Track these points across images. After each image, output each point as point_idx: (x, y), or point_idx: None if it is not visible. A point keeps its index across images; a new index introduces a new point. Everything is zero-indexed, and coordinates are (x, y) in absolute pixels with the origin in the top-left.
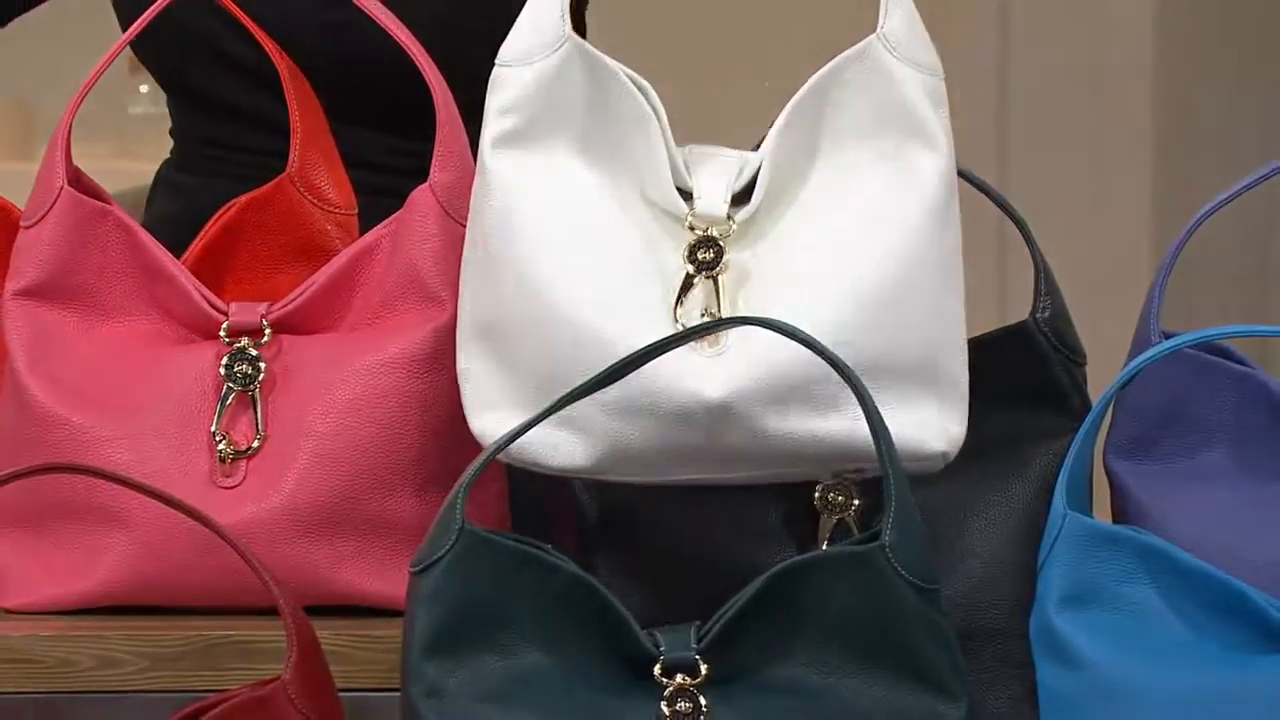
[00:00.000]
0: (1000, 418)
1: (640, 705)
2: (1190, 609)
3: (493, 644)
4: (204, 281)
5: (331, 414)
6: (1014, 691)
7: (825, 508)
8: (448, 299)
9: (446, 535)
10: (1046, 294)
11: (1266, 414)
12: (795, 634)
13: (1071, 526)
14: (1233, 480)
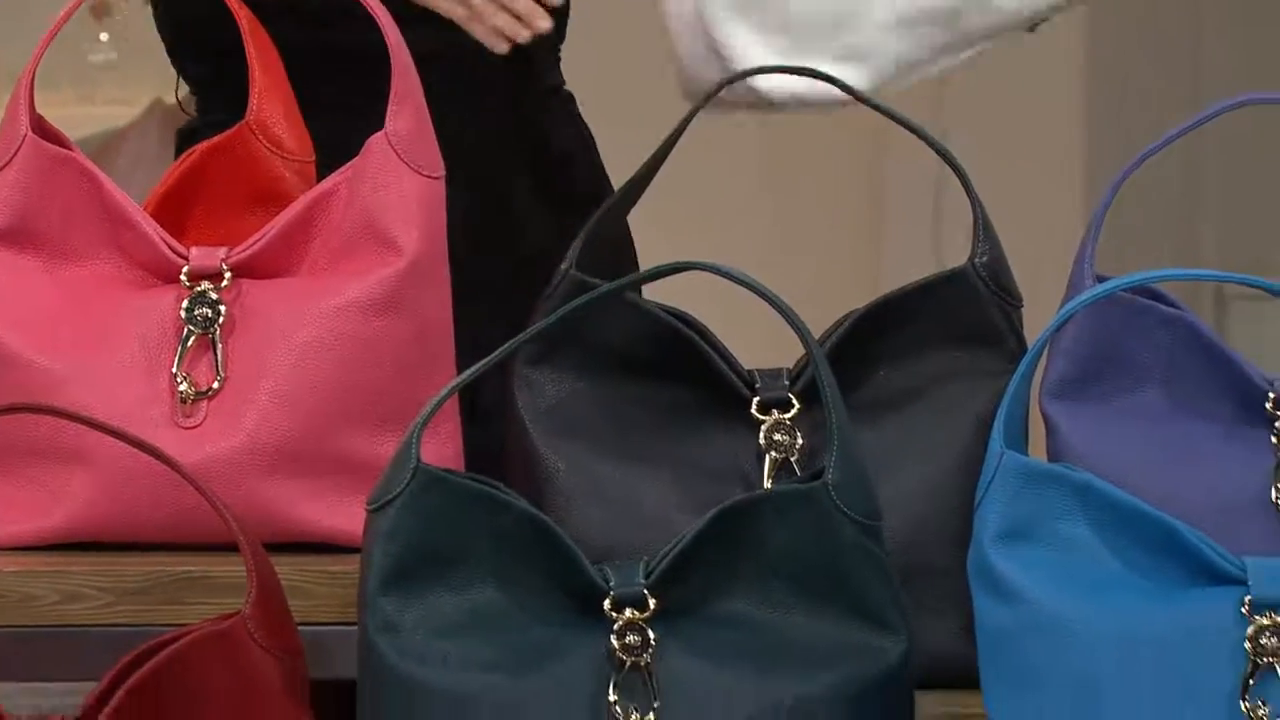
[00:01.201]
0: (939, 359)
1: (590, 639)
2: (1124, 545)
3: (446, 580)
4: (165, 227)
5: (290, 356)
6: (953, 626)
7: (770, 448)
8: (404, 244)
9: (402, 474)
10: (984, 240)
11: (1196, 355)
12: (741, 569)
13: (1008, 464)
14: (1164, 419)
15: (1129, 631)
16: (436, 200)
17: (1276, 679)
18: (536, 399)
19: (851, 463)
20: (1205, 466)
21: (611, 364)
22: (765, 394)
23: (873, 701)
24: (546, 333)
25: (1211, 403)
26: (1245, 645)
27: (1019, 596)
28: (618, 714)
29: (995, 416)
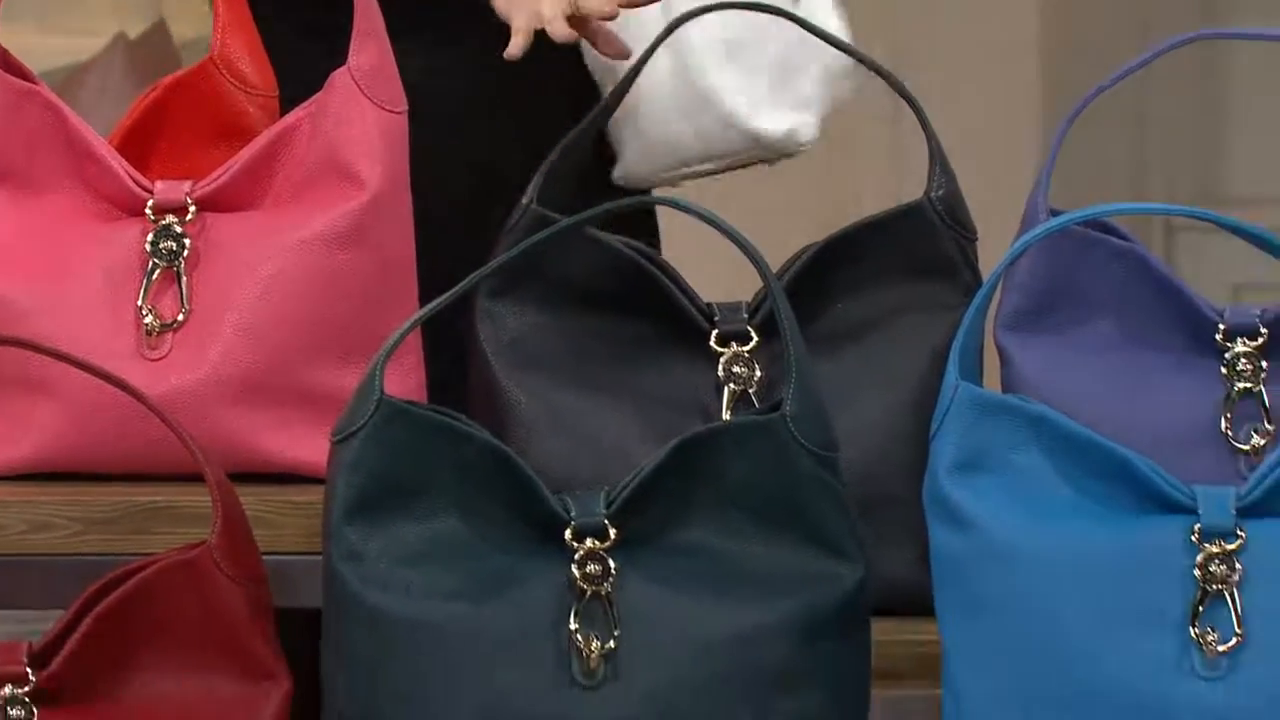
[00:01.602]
0: (895, 292)
1: (551, 568)
2: (1076, 474)
3: (409, 510)
4: (130, 160)
5: (254, 289)
6: (910, 555)
7: (729, 380)
8: (367, 178)
9: (365, 406)
10: (941, 174)
11: (1148, 287)
12: (700, 500)
13: (963, 395)
14: (1116, 350)
15: (1080, 559)
16: (399, 135)
17: (1225, 605)
18: (498, 332)
19: (809, 395)
20: (1156, 397)
21: (572, 297)
22: (724, 327)
23: (829, 628)
24: (508, 267)
25: (1162, 334)
26: (1195, 572)
27: (973, 525)
28: (578, 642)
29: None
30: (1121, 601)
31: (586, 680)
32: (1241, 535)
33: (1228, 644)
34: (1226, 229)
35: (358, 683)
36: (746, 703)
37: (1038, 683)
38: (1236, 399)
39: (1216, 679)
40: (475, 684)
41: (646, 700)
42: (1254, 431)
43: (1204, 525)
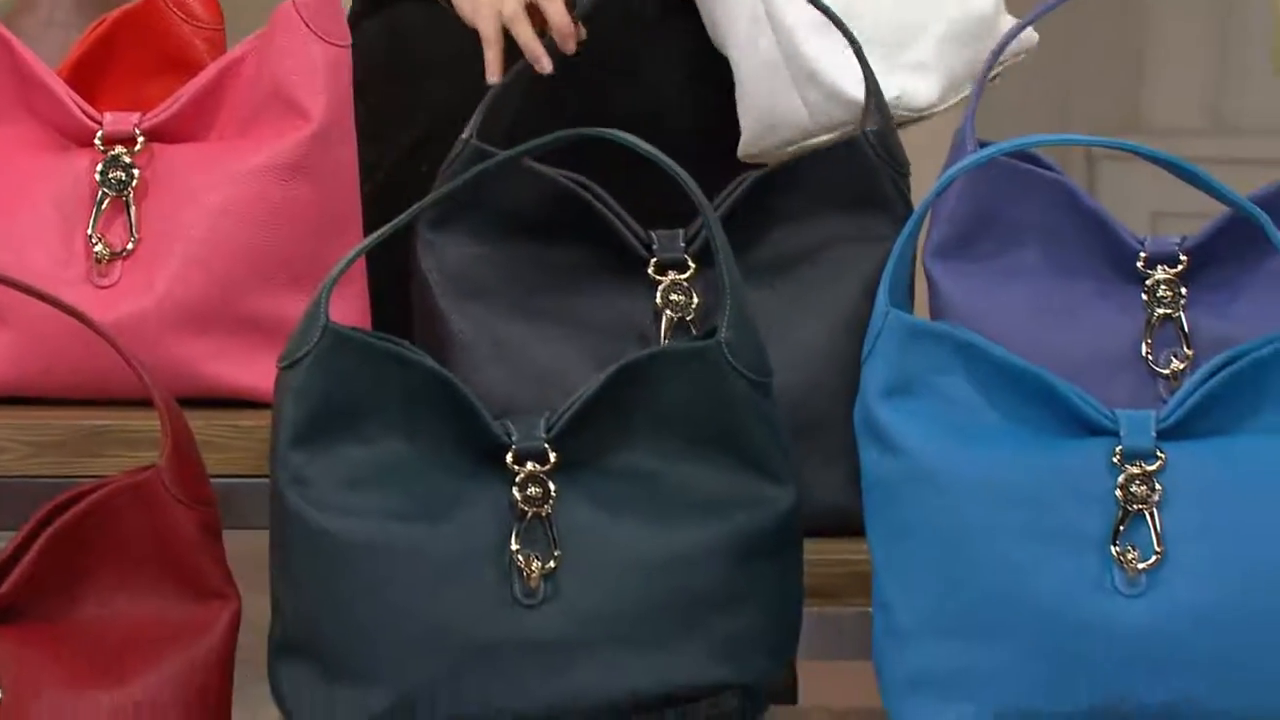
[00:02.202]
0: (831, 223)
1: (493, 490)
2: (1002, 398)
3: (355, 434)
4: (79, 92)
5: (202, 218)
6: (838, 477)
7: (666, 307)
8: (311, 110)
9: (311, 332)
10: (875, 110)
11: (1072, 217)
12: (638, 423)
13: (893, 322)
14: (1041, 278)
15: (1005, 480)
16: (342, 67)
17: (1145, 525)
18: (440, 262)
19: (743, 321)
20: (1080, 323)
21: (513, 227)
22: (662, 255)
23: (763, 549)
24: (449, 199)
25: (1086, 262)
26: (1116, 493)
27: (901, 448)
28: (519, 562)
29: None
30: (1045, 522)
31: (527, 599)
32: (1161, 457)
33: (1147, 562)
34: (1146, 158)
35: (304, 603)
36: (682, 621)
37: (964, 600)
38: (1157, 325)
39: (1136, 596)
40: (419, 603)
41: (585, 618)
42: (1173, 356)
43: (1125, 447)
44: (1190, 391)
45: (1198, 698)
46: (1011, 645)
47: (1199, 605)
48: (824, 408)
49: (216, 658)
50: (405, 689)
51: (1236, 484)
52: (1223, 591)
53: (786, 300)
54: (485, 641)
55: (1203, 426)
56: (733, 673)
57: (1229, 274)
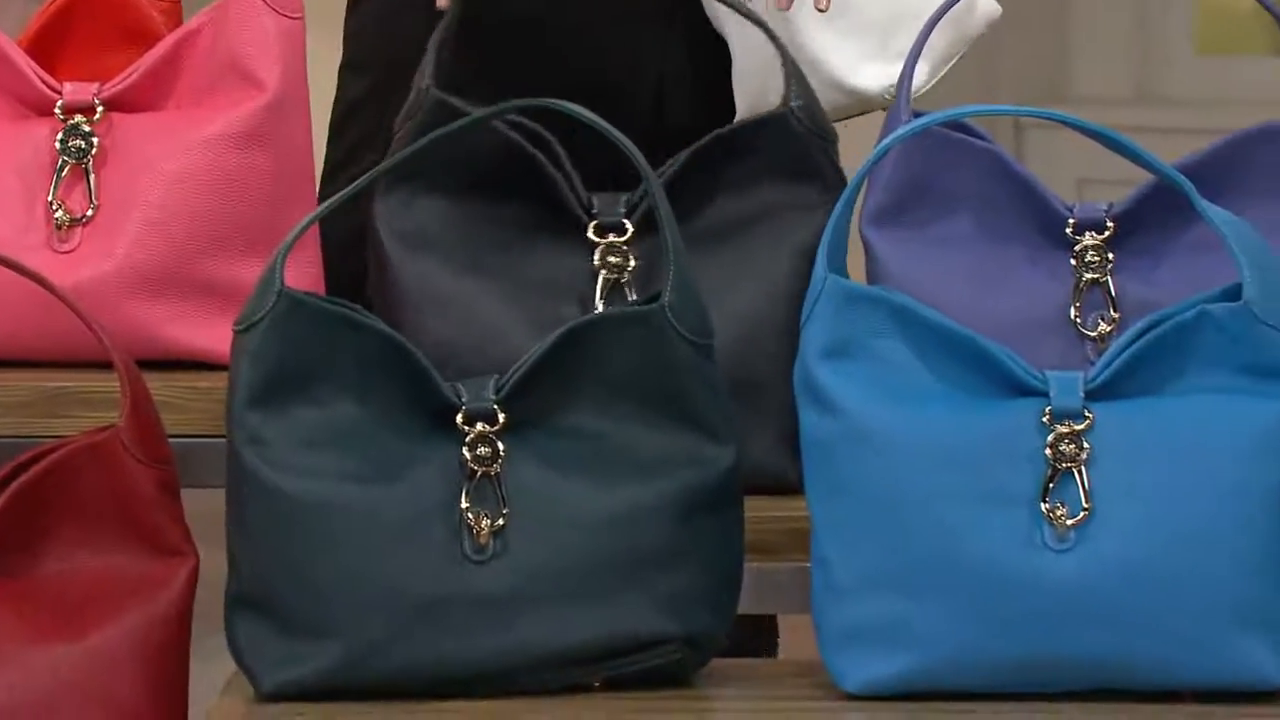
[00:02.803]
0: (763, 193)
1: (444, 450)
2: (937, 361)
3: (309, 396)
4: (39, 63)
5: (159, 185)
6: (770, 437)
7: (603, 268)
8: (266, 80)
9: (267, 297)
10: (797, 86)
11: (1003, 184)
12: (584, 385)
13: (831, 287)
14: (973, 244)
15: (939, 440)
16: (296, 39)
17: (1073, 482)
18: (392, 216)
19: (686, 286)
20: (1011, 287)
21: (464, 183)
22: (602, 218)
23: (705, 506)
24: None
25: (1016, 228)
26: (1045, 452)
27: (839, 409)
28: (469, 519)
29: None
30: (977, 480)
31: (476, 555)
32: (1089, 416)
33: (1076, 518)
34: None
35: (260, 559)
36: (627, 576)
37: (900, 556)
38: (1085, 289)
39: (1065, 550)
40: (371, 559)
41: (532, 574)
42: (1100, 319)
43: (1054, 408)
44: (1117, 353)
45: (1122, 649)
46: (945, 599)
47: (1124, 560)
48: (759, 371)
49: (175, 612)
50: (358, 642)
51: (1161, 442)
52: (1147, 546)
53: (722, 267)
54: (436, 596)
55: (1129, 387)
56: (675, 625)
57: (1154, 240)
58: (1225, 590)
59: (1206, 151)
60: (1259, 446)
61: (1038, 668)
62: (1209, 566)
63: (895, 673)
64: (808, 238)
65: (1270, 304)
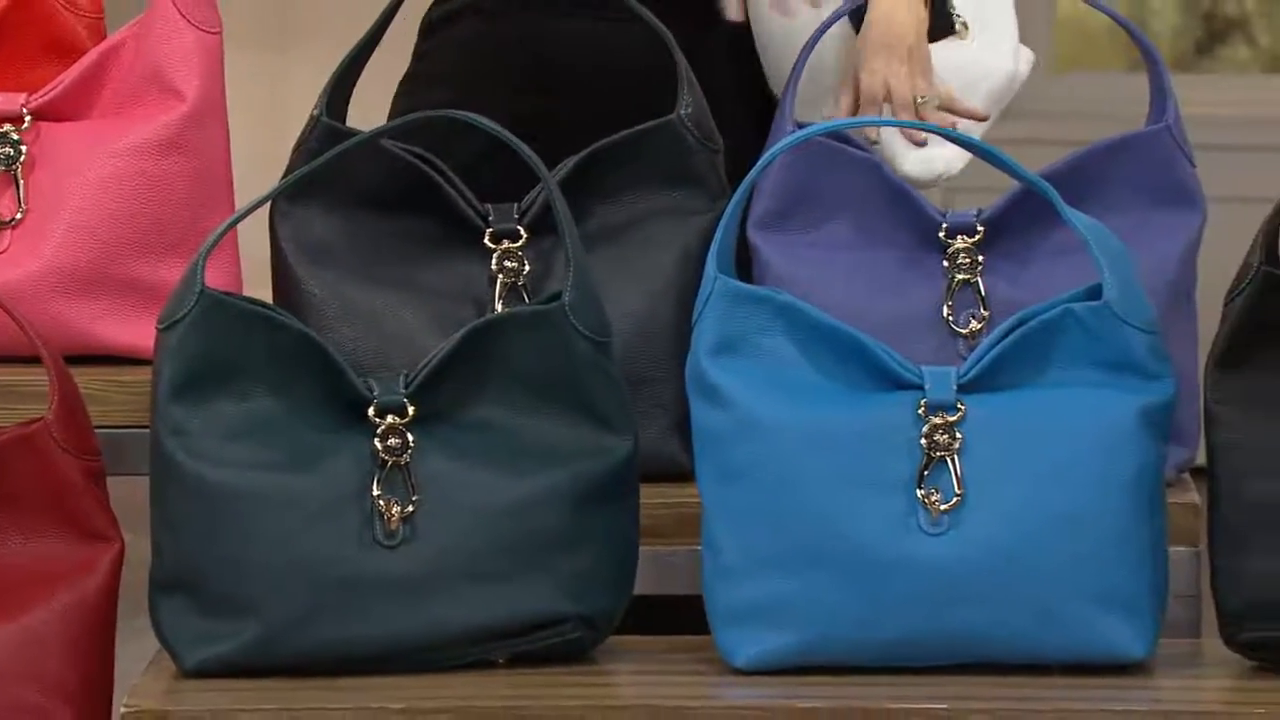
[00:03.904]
0: (652, 199)
1: (356, 441)
2: (820, 356)
3: (229, 391)
4: None
5: (85, 190)
6: (660, 427)
7: (500, 273)
8: (186, 91)
9: (188, 297)
10: (687, 94)
11: (880, 192)
12: (489, 380)
13: (721, 287)
14: (853, 248)
15: (822, 431)
16: (214, 52)
17: (947, 470)
18: (295, 232)
19: (585, 286)
20: (888, 288)
21: (362, 200)
22: (497, 226)
23: (602, 494)
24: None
25: (893, 233)
26: (921, 441)
27: (728, 401)
28: (380, 507)
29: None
30: (858, 468)
31: (387, 540)
32: (961, 408)
33: (949, 503)
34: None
35: (182, 544)
36: (529, 559)
37: (785, 539)
38: (956, 289)
39: (939, 533)
40: (289, 544)
41: (440, 557)
42: (972, 317)
43: (929, 400)
44: (987, 349)
45: (992, 626)
46: (827, 580)
47: (993, 542)
48: (646, 366)
49: (102, 594)
50: (274, 621)
51: (1028, 432)
52: (1015, 530)
53: (612, 268)
54: (349, 578)
55: (998, 381)
56: (575, 606)
57: (1020, 244)
58: (1088, 571)
59: (1066, 161)
60: (1118, 436)
61: (913, 643)
62: (1073, 549)
63: (780, 648)
64: (694, 241)
65: (1128, 303)
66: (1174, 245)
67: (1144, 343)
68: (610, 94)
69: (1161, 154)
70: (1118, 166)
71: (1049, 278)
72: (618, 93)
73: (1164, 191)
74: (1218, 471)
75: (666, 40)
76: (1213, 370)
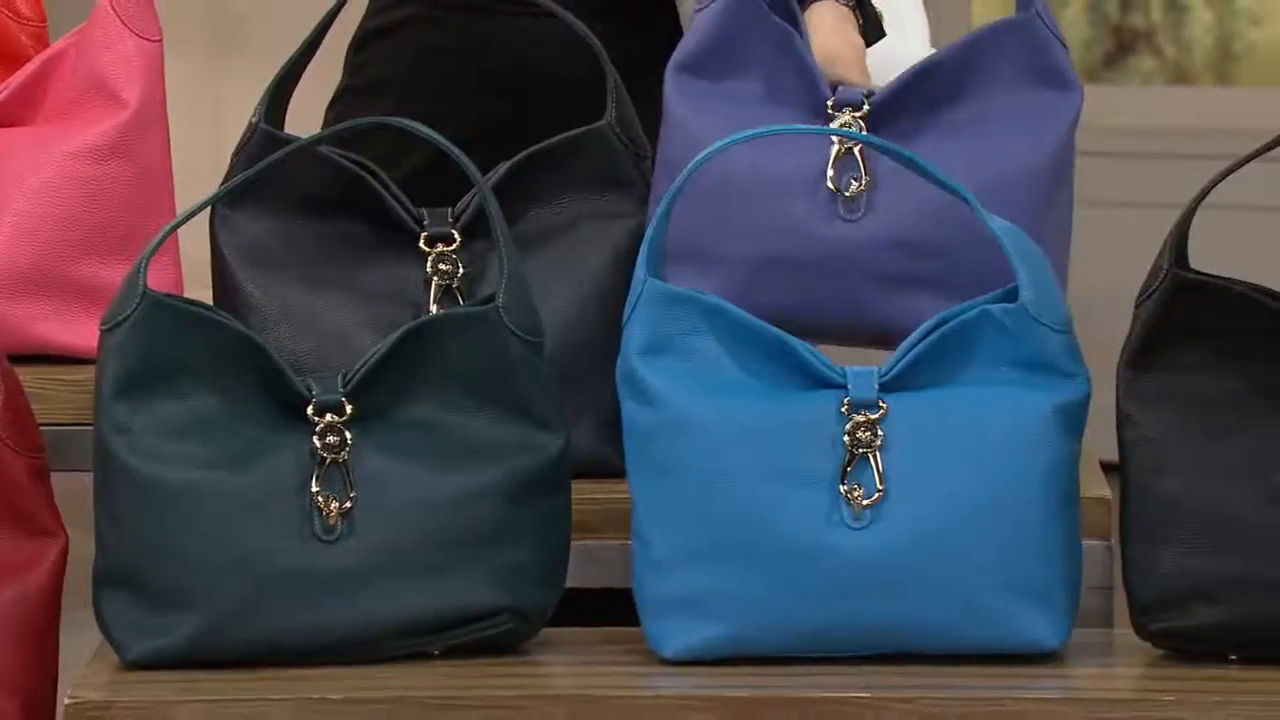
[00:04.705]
0: (582, 203)
1: (296, 439)
2: (746, 356)
3: (172, 390)
4: None
5: (29, 194)
6: (591, 425)
7: (435, 275)
8: (127, 98)
9: (131, 298)
10: (616, 101)
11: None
12: (425, 380)
13: (650, 289)
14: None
15: (748, 428)
16: (155, 59)
17: (869, 466)
18: (234, 236)
19: (518, 288)
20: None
21: (301, 205)
22: (432, 229)
23: (536, 488)
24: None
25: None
26: (844, 438)
27: (658, 400)
28: (319, 503)
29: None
30: (783, 465)
31: (326, 535)
32: (883, 406)
33: (871, 499)
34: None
35: (126, 539)
36: (463, 554)
37: (713, 534)
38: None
39: (862, 528)
40: (229, 539)
41: (377, 552)
42: (853, 180)
43: (852, 398)
44: (908, 349)
45: (912, 617)
46: (754, 573)
47: (914, 537)
48: (576, 366)
49: (46, 589)
50: (216, 614)
51: (947, 430)
52: (934, 524)
53: (544, 270)
54: (288, 573)
55: (919, 380)
56: (508, 598)
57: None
58: (1005, 564)
59: (954, 48)
60: (1034, 433)
61: (837, 634)
62: (990, 543)
63: (708, 639)
64: (623, 243)
65: (1043, 304)
66: (1059, 122)
67: (1058, 342)
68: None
69: (1036, 38)
70: (1000, 50)
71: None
72: (570, 91)
73: (1043, 72)
74: (1129, 468)
75: (595, 48)
76: (1124, 370)
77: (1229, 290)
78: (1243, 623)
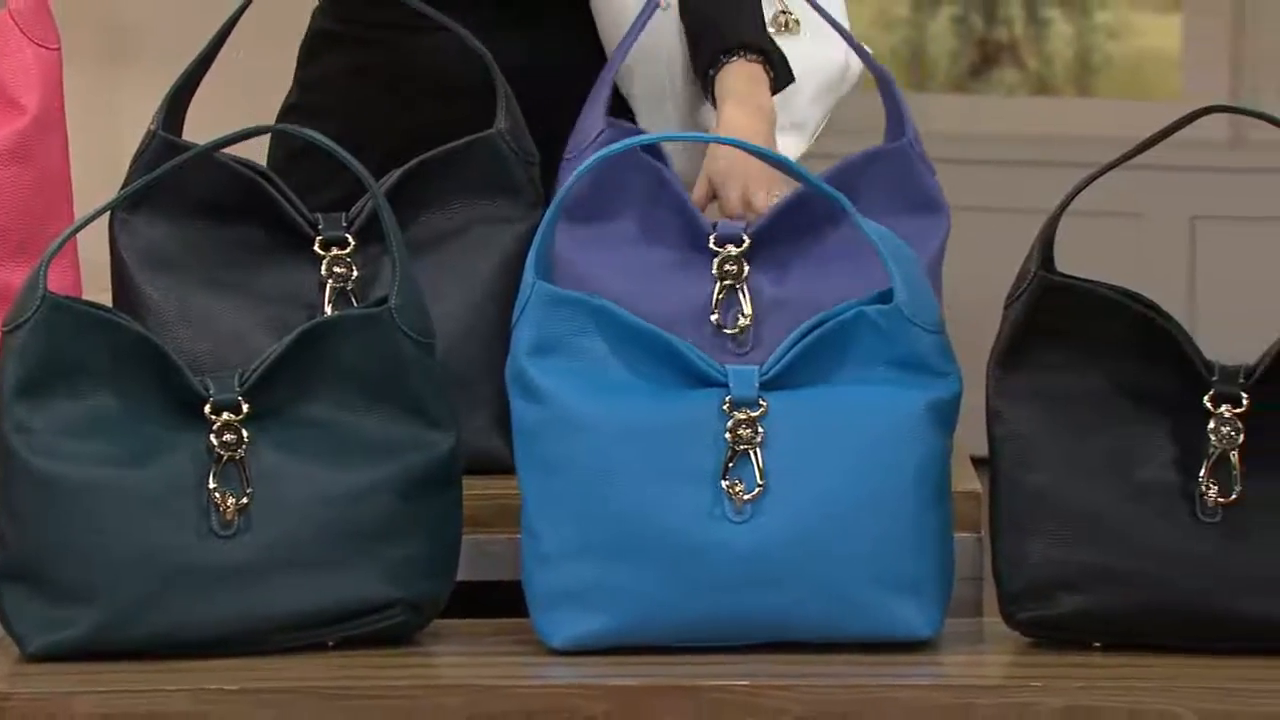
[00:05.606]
0: (473, 208)
1: (193, 437)
2: (631, 356)
3: (72, 390)
4: None
5: None
6: (481, 423)
7: (330, 278)
8: (26, 104)
9: (31, 301)
10: (506, 111)
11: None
12: (320, 379)
13: (538, 292)
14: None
15: (633, 426)
16: (54, 67)
17: (750, 462)
18: (134, 240)
19: (410, 290)
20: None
21: (198, 210)
22: (326, 233)
23: (428, 484)
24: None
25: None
26: (726, 435)
27: (546, 398)
28: (216, 499)
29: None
30: (666, 461)
31: (223, 531)
32: (763, 404)
33: (751, 494)
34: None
35: (26, 536)
36: (357, 548)
37: (599, 529)
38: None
39: (743, 522)
40: (128, 535)
41: (273, 546)
42: (739, 315)
43: (734, 397)
44: (787, 349)
45: (791, 608)
46: (640, 566)
47: (793, 531)
48: (468, 366)
49: None
50: (117, 608)
51: (825, 427)
52: (812, 519)
53: (436, 273)
54: (187, 567)
55: (798, 378)
56: (400, 591)
57: (786, 250)
58: (880, 557)
59: (833, 171)
60: (908, 430)
61: (719, 624)
62: (866, 536)
63: (595, 630)
64: (512, 247)
65: (917, 305)
66: (929, 246)
67: (931, 342)
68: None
69: (906, 166)
70: (870, 177)
71: (811, 281)
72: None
73: (914, 198)
74: (999, 463)
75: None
76: (994, 369)
77: (1093, 292)
78: (1105, 612)
